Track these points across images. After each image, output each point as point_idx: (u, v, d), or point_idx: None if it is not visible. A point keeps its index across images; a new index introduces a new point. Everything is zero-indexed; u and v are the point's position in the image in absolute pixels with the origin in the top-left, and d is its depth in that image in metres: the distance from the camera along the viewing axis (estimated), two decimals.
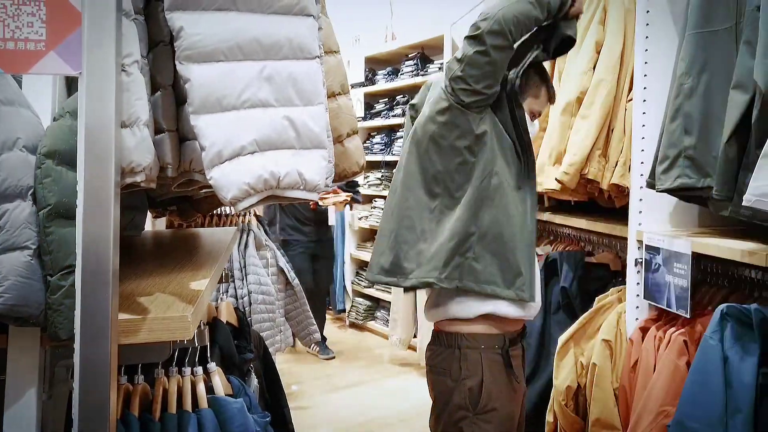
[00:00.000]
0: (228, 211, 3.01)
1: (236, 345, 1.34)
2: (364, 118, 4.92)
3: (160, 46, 0.80)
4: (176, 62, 0.73)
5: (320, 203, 3.94)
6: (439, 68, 4.16)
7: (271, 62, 0.78)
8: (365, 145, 5.11)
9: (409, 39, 4.42)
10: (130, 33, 0.73)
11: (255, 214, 3.20)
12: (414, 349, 4.06)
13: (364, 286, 4.90)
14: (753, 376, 1.28)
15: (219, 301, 1.35)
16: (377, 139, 4.99)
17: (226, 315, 1.35)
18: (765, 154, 1.14)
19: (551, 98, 1.67)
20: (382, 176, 4.86)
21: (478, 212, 1.48)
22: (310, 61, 0.81)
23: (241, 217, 3.03)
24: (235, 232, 1.45)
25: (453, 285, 1.48)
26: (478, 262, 1.48)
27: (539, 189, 2.03)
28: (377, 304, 5.02)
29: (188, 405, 1.02)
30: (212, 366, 1.07)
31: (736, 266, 1.58)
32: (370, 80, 4.88)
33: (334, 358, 4.19)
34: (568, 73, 1.86)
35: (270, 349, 3.03)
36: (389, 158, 4.77)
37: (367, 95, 4.91)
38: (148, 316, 0.78)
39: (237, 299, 2.76)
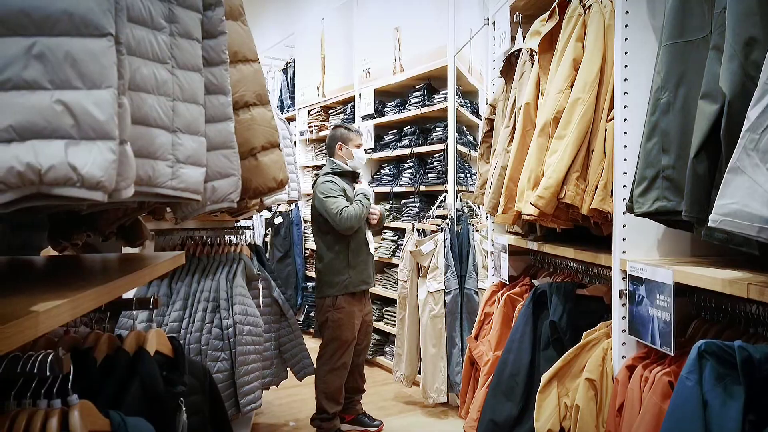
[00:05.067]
0: (220, 240, 2.95)
1: (166, 377, 1.25)
2: (374, 150, 4.87)
3: None
4: None
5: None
6: (444, 98, 4.09)
7: (43, 38, 0.69)
8: (374, 176, 5.04)
9: (416, 70, 4.38)
10: None
11: (248, 244, 3.13)
12: (418, 384, 3.89)
13: (374, 320, 4.76)
14: (737, 424, 1.12)
15: (150, 329, 1.27)
16: (386, 170, 4.92)
17: (156, 344, 1.26)
18: (731, 168, 1.01)
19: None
20: (390, 207, 4.77)
21: None
22: (98, 39, 0.72)
23: (232, 246, 2.96)
24: (175, 257, 1.36)
25: None
26: None
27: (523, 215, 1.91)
28: (387, 338, 4.87)
29: None
30: (73, 398, 0.94)
31: (729, 299, 1.43)
32: (379, 112, 4.85)
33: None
34: (547, 92, 1.76)
35: (262, 382, 2.93)
36: (397, 189, 4.68)
37: (377, 126, 4.87)
38: None
39: (222, 330, 2.67)
